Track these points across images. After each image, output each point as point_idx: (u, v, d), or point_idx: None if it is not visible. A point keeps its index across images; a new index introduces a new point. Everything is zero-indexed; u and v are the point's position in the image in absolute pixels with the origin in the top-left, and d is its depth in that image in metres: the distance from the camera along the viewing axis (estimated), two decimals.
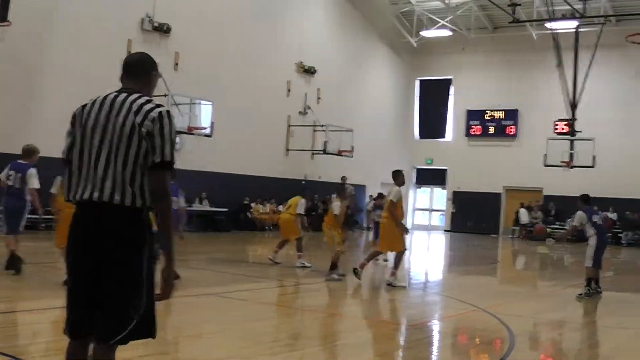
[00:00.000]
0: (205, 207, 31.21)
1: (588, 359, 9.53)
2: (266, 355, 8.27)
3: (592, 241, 14.92)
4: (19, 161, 13.51)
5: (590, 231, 14.88)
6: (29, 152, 13.72)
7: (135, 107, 4.47)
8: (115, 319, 4.39)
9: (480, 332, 10.59)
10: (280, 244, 18.45)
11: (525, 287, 18.34)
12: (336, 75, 39.85)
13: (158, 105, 4.53)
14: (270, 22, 35.23)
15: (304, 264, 17.65)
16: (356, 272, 14.95)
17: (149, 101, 4.53)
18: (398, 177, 15.27)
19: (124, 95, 4.57)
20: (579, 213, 14.98)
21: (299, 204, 18.15)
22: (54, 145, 12.19)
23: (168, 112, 4.52)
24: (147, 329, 4.54)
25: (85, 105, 4.64)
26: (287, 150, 36.69)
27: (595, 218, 15.13)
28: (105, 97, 4.60)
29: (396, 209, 14.77)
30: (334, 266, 15.62)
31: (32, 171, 13.30)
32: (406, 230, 15.11)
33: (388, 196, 14.97)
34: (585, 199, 15.29)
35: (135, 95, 4.56)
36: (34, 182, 13.24)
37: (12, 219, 13.32)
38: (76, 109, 4.69)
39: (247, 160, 33.29)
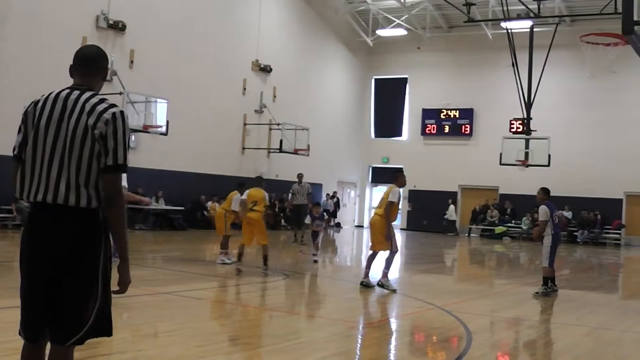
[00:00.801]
0: (161, 205, 31.00)
1: (544, 356, 9.58)
2: (221, 354, 8.22)
3: (547, 240, 14.94)
4: None
5: (548, 229, 14.92)
6: None
7: (88, 107, 4.39)
8: (71, 320, 4.34)
9: (437, 330, 10.60)
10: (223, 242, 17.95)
11: (481, 285, 18.41)
12: (292, 73, 39.86)
13: (112, 106, 4.44)
14: (226, 20, 35.13)
15: (224, 260, 17.43)
16: (380, 285, 14.35)
17: (102, 100, 4.45)
18: (399, 177, 14.90)
19: (76, 93, 4.48)
20: (543, 207, 14.91)
21: (234, 199, 17.62)
22: (4, 143, 12.10)
23: (122, 112, 4.44)
24: (103, 327, 4.48)
25: (37, 102, 4.54)
26: (244, 148, 36.61)
27: (555, 215, 15.18)
28: (57, 95, 4.50)
29: (393, 210, 14.53)
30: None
31: None
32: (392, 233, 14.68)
33: (386, 196, 14.49)
34: (547, 191, 15.26)
35: (88, 94, 4.47)
36: None
37: None
38: (28, 105, 4.59)
39: (204, 159, 33.17)
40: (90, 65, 4.65)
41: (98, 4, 28.57)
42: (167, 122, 28.31)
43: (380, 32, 44.53)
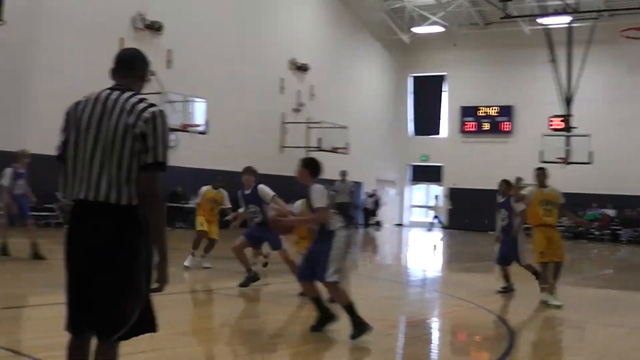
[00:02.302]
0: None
1: (587, 356, 9.42)
2: (261, 352, 8.19)
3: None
4: None
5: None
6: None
7: (128, 106, 4.43)
8: (115, 316, 4.39)
9: (478, 328, 10.51)
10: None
11: (522, 284, 18.20)
12: (329, 72, 39.84)
13: (151, 105, 4.48)
14: (263, 19, 35.19)
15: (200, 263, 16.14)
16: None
17: (141, 100, 4.49)
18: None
19: (117, 93, 4.53)
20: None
21: (225, 197, 16.93)
22: (45, 144, 12.22)
23: (161, 111, 4.48)
24: (147, 324, 4.57)
25: (79, 102, 4.60)
26: (282, 147, 36.63)
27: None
28: (98, 95, 4.56)
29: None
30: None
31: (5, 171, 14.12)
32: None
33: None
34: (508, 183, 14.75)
35: (128, 94, 4.51)
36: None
37: None
38: (69, 107, 4.64)
39: (242, 157, 33.08)
40: (129, 67, 4.72)
41: (135, 4, 28.74)
42: (206, 121, 28.39)
43: (416, 30, 44.39)
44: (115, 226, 4.37)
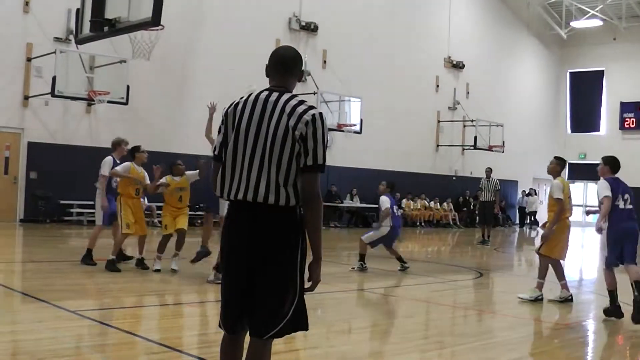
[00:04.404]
0: (356, 203, 31.35)
1: None
2: (416, 352, 8.19)
3: None
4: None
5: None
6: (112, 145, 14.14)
7: (288, 108, 4.47)
8: (271, 315, 4.46)
9: (637, 332, 10.17)
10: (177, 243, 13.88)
11: None
12: (484, 69, 39.41)
13: (311, 107, 4.52)
14: (417, 17, 35.15)
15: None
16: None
17: (301, 102, 4.53)
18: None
19: (275, 94, 4.57)
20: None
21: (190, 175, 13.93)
22: (205, 145, 12.56)
23: (321, 114, 4.51)
24: (300, 322, 4.58)
25: (237, 103, 4.67)
26: (437, 145, 36.50)
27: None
28: (257, 96, 4.61)
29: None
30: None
31: (105, 160, 13.70)
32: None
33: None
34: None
35: (287, 96, 4.56)
36: (103, 170, 13.65)
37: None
38: (227, 107, 4.72)
39: (397, 156, 33.28)
40: (287, 67, 4.72)
41: (290, 6, 29.25)
42: (361, 120, 28.59)
43: (574, 24, 43.36)
44: (274, 226, 4.44)
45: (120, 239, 13.44)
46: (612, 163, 11.66)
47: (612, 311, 10.66)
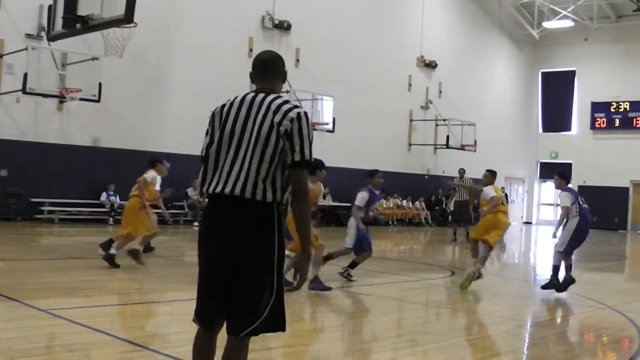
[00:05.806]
0: (328, 202, 31.34)
1: None
2: (389, 350, 8.23)
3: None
4: None
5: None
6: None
7: (273, 107, 4.56)
8: (247, 312, 4.46)
9: (607, 330, 10.25)
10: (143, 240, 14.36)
11: None
12: (457, 68, 39.55)
13: (296, 106, 4.61)
14: (390, 16, 35.22)
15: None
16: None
17: (286, 101, 4.62)
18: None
19: (262, 95, 4.66)
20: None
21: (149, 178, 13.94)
22: (179, 143, 12.57)
23: (305, 113, 4.59)
24: (277, 322, 4.58)
25: (224, 105, 4.74)
26: (410, 144, 36.60)
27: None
28: (243, 98, 4.70)
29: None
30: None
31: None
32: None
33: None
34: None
35: (273, 96, 4.65)
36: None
37: None
38: (215, 109, 4.78)
39: (370, 155, 33.30)
40: (270, 70, 4.84)
41: (264, 4, 29.22)
42: (334, 119, 28.61)
43: (547, 24, 43.63)
44: (250, 221, 4.46)
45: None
46: (566, 176, 14.36)
47: (552, 284, 13.17)
